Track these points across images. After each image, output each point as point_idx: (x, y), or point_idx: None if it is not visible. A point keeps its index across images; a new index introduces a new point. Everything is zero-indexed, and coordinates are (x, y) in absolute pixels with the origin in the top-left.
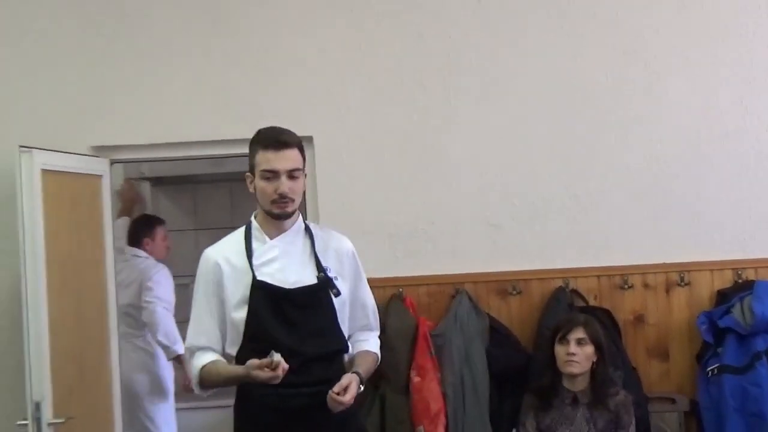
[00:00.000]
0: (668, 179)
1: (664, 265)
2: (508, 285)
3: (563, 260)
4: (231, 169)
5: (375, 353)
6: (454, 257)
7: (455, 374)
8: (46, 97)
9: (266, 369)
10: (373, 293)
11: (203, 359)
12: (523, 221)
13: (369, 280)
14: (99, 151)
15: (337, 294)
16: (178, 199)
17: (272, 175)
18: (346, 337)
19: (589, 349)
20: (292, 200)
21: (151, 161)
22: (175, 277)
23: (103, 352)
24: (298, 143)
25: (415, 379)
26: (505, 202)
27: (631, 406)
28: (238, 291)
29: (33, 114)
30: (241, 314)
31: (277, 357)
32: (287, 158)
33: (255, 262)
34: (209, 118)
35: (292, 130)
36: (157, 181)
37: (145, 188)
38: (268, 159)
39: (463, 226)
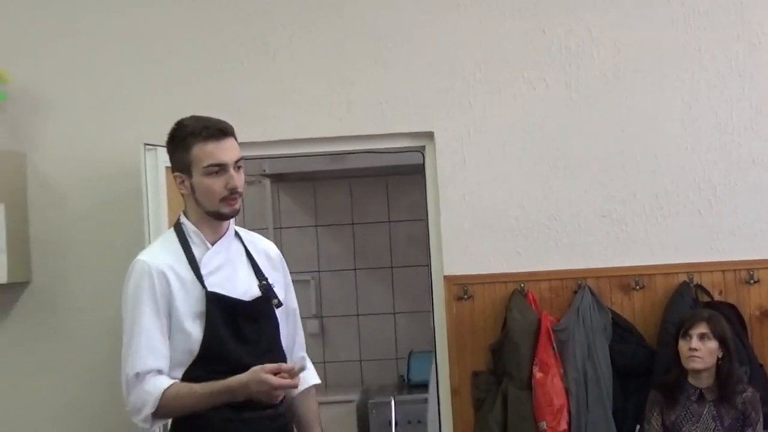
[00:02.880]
0: None
1: None
2: (630, 280)
3: (687, 254)
4: (351, 166)
5: (317, 407)
6: (576, 252)
7: (578, 370)
8: (169, 95)
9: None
10: (494, 289)
11: (162, 382)
12: (646, 215)
13: (491, 276)
14: None
15: (279, 305)
16: (299, 196)
17: (219, 168)
18: (289, 357)
19: (713, 344)
20: (240, 195)
21: (271, 158)
22: (293, 273)
23: None
24: (234, 132)
25: (538, 374)
26: (628, 195)
27: (759, 404)
28: (188, 305)
29: (157, 112)
30: (194, 331)
31: (300, 365)
32: (231, 148)
33: (202, 270)
34: (330, 115)
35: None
36: (278, 178)
37: (266, 185)
38: (212, 152)
39: (585, 220)
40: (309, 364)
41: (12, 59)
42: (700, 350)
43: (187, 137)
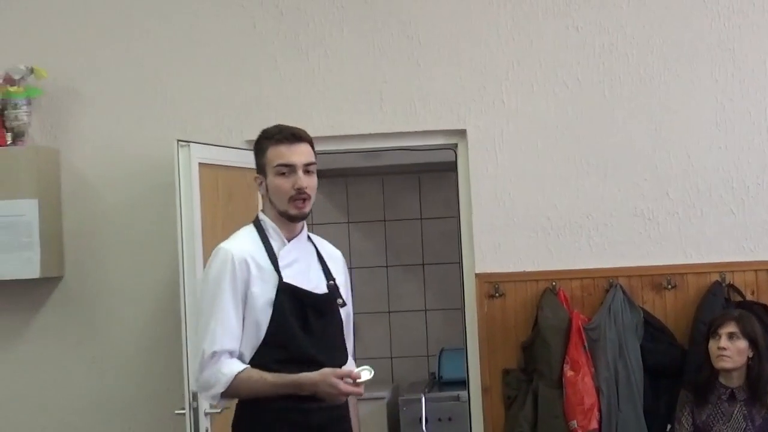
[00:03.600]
0: None
1: None
2: (662, 279)
3: (719, 254)
4: (384, 163)
5: (357, 413)
6: (608, 250)
7: (609, 369)
8: (203, 92)
9: (347, 380)
10: (526, 287)
11: (236, 365)
12: (679, 214)
13: (522, 274)
14: (254, 145)
15: (343, 304)
16: (331, 193)
17: (288, 169)
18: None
19: (742, 344)
20: (309, 197)
21: None
22: None
23: None
24: (310, 140)
25: (569, 373)
26: (661, 194)
27: None
28: (264, 292)
29: (191, 109)
30: (265, 317)
31: (369, 375)
32: (302, 152)
33: (280, 262)
34: (363, 112)
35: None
36: None
37: None
38: (282, 153)
39: (617, 219)
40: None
41: (48, 56)
42: (729, 349)
43: (263, 141)
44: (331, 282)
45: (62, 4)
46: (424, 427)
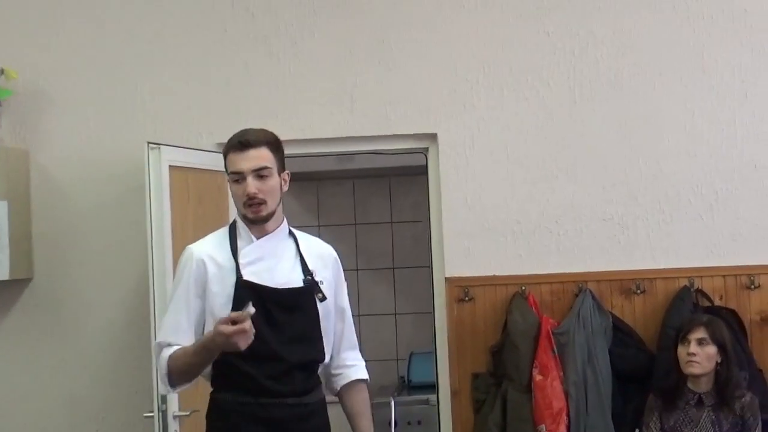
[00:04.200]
0: None
1: None
2: (631, 284)
3: (688, 259)
4: (355, 166)
5: (367, 401)
6: (577, 255)
7: (578, 373)
8: (174, 95)
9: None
10: (495, 291)
11: (170, 350)
12: (648, 219)
13: (492, 278)
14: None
15: (323, 299)
16: (302, 196)
17: (239, 176)
18: (329, 352)
19: (711, 349)
20: (264, 201)
21: None
22: None
23: None
24: (267, 141)
25: (538, 377)
26: (630, 199)
27: (758, 409)
28: (223, 291)
29: (161, 111)
30: (224, 314)
31: (250, 309)
32: (251, 158)
33: (241, 260)
34: (334, 115)
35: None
36: None
37: None
38: (233, 161)
39: (586, 224)
40: (359, 362)
41: (17, 57)
42: (698, 355)
43: (225, 148)
44: (308, 277)
45: (33, 6)
46: (393, 431)
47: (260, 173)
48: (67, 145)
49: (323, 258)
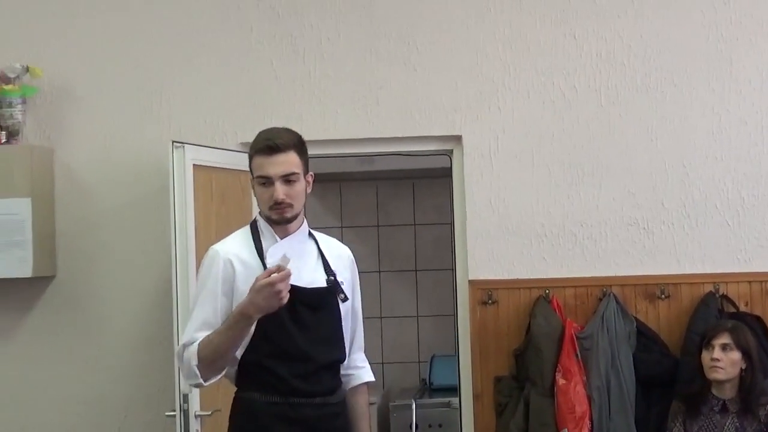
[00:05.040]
0: None
1: None
2: (656, 289)
3: (713, 265)
4: (378, 168)
5: (368, 403)
6: (602, 259)
7: (601, 377)
8: (198, 94)
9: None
10: (519, 294)
11: (198, 342)
12: (673, 224)
13: (516, 281)
14: (248, 147)
15: (345, 299)
16: (325, 197)
17: (266, 180)
18: (347, 352)
19: (735, 355)
20: (290, 205)
21: None
22: None
23: None
24: (295, 145)
25: (561, 381)
26: (656, 204)
27: None
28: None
29: (186, 111)
30: None
31: (287, 257)
32: (279, 163)
33: (267, 260)
34: (359, 116)
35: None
36: None
37: None
38: (261, 164)
39: (611, 227)
40: (366, 364)
41: (43, 55)
42: (722, 361)
43: (250, 149)
44: (331, 277)
45: (59, 4)
46: None
47: (288, 178)
48: (92, 144)
49: (342, 259)
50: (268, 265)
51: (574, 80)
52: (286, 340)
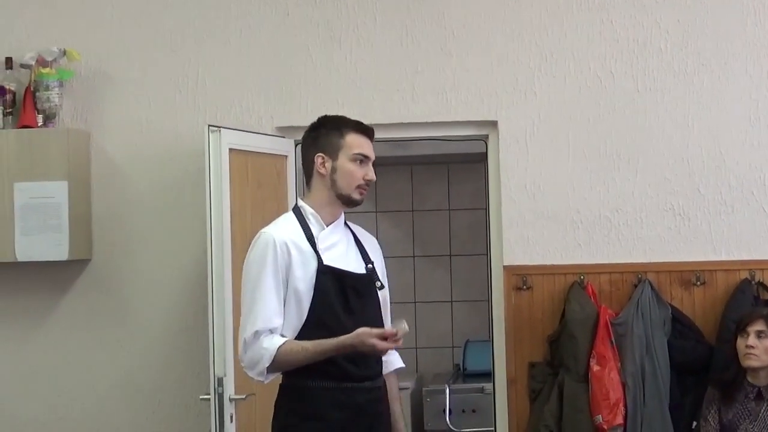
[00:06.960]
0: None
1: None
2: (692, 275)
3: (749, 251)
4: (413, 153)
5: (399, 392)
6: (637, 245)
7: (636, 364)
8: (234, 78)
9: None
10: (554, 280)
11: (276, 339)
12: (709, 210)
13: (551, 267)
14: (284, 131)
15: (381, 287)
16: None
17: (364, 159)
18: None
19: None
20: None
21: None
22: None
23: None
24: None
25: (595, 367)
26: (692, 190)
27: None
28: (306, 275)
29: (222, 95)
30: (307, 298)
31: (405, 328)
32: (372, 147)
33: (319, 246)
34: (394, 101)
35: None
36: None
37: None
38: (362, 144)
39: (647, 214)
40: (395, 351)
41: (80, 38)
42: (757, 348)
43: (341, 124)
44: (370, 265)
45: None
46: (447, 419)
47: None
48: (128, 127)
49: (375, 248)
50: (321, 252)
51: (611, 66)
52: (338, 326)
